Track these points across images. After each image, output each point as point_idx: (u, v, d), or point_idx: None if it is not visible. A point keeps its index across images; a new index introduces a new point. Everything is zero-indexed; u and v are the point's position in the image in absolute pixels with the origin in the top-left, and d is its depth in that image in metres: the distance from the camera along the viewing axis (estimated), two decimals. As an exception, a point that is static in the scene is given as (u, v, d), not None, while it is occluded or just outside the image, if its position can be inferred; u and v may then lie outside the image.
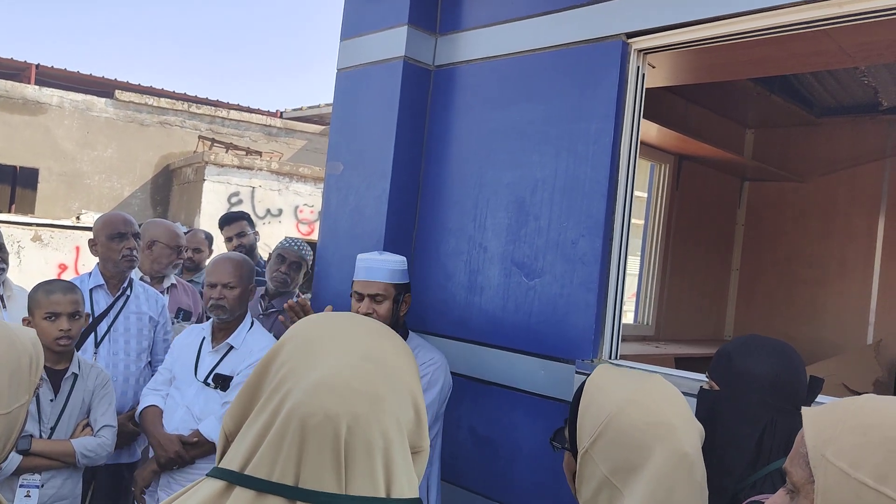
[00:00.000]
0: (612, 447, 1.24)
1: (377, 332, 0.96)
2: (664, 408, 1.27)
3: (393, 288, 2.44)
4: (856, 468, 0.80)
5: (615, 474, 1.22)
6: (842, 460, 0.82)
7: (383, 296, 2.42)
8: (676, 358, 4.08)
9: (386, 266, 2.45)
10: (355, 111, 3.24)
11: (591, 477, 1.25)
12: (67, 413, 2.54)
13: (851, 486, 0.80)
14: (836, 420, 0.86)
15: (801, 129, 5.09)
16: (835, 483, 0.82)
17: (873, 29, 2.44)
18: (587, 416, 1.29)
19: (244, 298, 2.77)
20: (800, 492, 0.87)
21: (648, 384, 1.32)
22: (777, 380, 1.57)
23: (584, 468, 1.27)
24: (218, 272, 2.73)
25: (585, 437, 1.27)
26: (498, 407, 2.69)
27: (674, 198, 4.88)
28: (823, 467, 0.83)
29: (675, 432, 1.24)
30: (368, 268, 2.45)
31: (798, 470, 0.88)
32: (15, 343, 1.35)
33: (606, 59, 2.54)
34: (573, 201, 2.58)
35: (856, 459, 0.81)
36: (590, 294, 2.50)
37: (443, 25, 3.14)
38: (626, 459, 1.22)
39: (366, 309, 2.40)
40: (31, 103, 11.26)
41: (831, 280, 4.97)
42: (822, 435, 0.86)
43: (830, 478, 0.82)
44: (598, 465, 1.24)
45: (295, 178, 10.74)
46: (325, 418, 0.79)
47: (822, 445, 0.84)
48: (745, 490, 1.54)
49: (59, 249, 8.96)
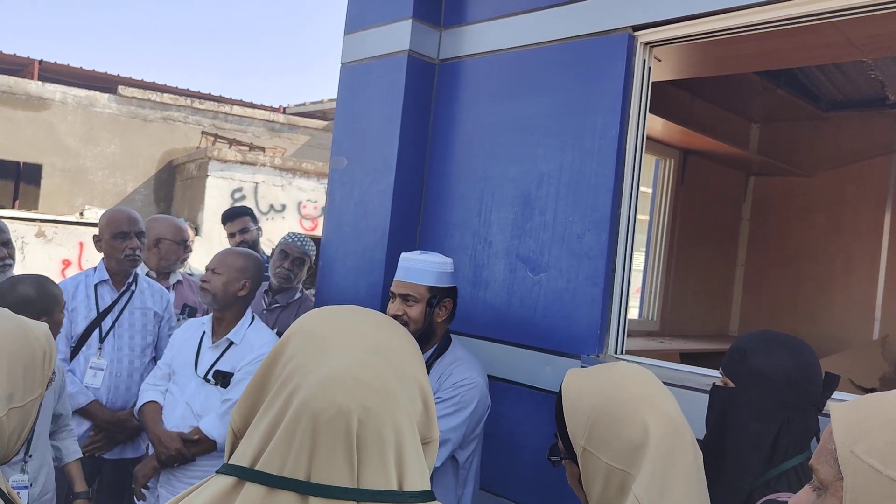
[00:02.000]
0: (606, 434, 1.26)
1: (382, 324, 0.96)
2: (637, 382, 1.33)
3: (427, 290, 2.27)
4: (887, 465, 0.79)
5: (617, 459, 1.24)
6: (872, 457, 0.80)
7: (415, 298, 2.27)
8: (682, 353, 4.07)
9: (422, 266, 2.30)
10: (359, 105, 3.23)
11: (596, 471, 1.26)
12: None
13: (882, 484, 0.78)
14: (866, 416, 0.84)
15: (808, 124, 5.06)
16: (864, 481, 0.80)
17: (881, 21, 2.42)
18: (573, 417, 1.32)
19: (230, 289, 2.69)
20: (827, 489, 0.86)
21: (616, 368, 1.37)
22: (793, 377, 1.55)
23: (587, 467, 1.28)
24: (213, 259, 2.79)
25: (579, 437, 1.29)
26: (503, 402, 2.68)
27: (679, 193, 4.86)
28: (853, 464, 0.81)
29: (654, 400, 1.29)
30: (405, 267, 2.32)
31: (826, 467, 0.86)
32: (29, 336, 1.35)
33: (612, 52, 2.52)
34: (579, 195, 2.56)
35: (887, 456, 0.79)
36: (595, 289, 2.48)
37: (447, 19, 3.12)
38: (621, 440, 1.24)
39: (395, 310, 2.27)
40: (35, 99, 11.26)
41: (837, 275, 4.95)
42: (852, 431, 0.84)
43: (860, 475, 0.80)
44: (599, 456, 1.26)
45: (298, 173, 10.73)
46: (338, 413, 0.78)
47: (852, 442, 0.82)
48: (760, 488, 1.53)
49: (62, 245, 8.97)
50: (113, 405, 2.93)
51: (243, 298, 2.75)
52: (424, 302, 2.27)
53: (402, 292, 2.28)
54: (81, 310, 2.93)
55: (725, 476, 1.54)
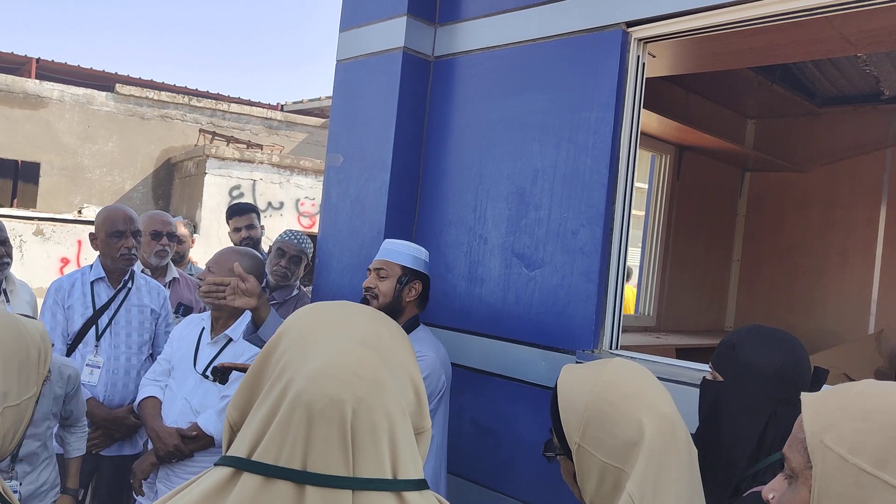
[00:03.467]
0: (600, 431, 1.27)
1: (372, 317, 0.97)
2: (631, 380, 1.33)
3: (400, 269, 2.44)
4: (854, 454, 0.80)
5: (611, 456, 1.25)
6: (840, 446, 0.81)
7: (387, 272, 2.44)
8: (677, 349, 4.08)
9: (398, 248, 2.48)
10: (355, 102, 3.24)
11: (591, 468, 1.27)
12: (38, 418, 2.37)
13: (850, 472, 0.80)
14: (836, 406, 0.86)
15: (803, 119, 5.08)
16: (833, 469, 0.81)
17: (875, 16, 2.43)
18: (567, 414, 1.33)
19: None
20: (798, 477, 0.87)
21: (610, 366, 1.37)
22: (781, 371, 1.57)
23: (581, 463, 1.29)
24: (212, 258, 2.78)
25: (574, 434, 1.30)
26: (499, 398, 2.69)
27: (675, 188, 4.87)
28: (822, 453, 0.83)
29: (649, 398, 1.29)
30: (383, 248, 2.51)
31: (796, 455, 0.87)
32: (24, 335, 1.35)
33: (606, 48, 2.53)
34: (573, 191, 2.57)
35: (855, 445, 0.81)
36: (590, 284, 2.50)
37: (442, 16, 3.12)
38: (616, 438, 1.25)
39: (368, 283, 2.45)
40: (32, 97, 11.25)
41: (832, 270, 4.97)
42: (821, 420, 0.85)
43: (829, 463, 0.82)
44: (594, 453, 1.27)
45: (296, 170, 10.73)
46: (331, 403, 0.80)
47: (821, 431, 0.84)
48: (748, 480, 1.54)
49: (60, 243, 8.97)
50: (110, 402, 2.94)
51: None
52: (395, 278, 2.43)
53: (377, 267, 2.46)
54: (78, 307, 2.94)
55: (715, 468, 1.56)
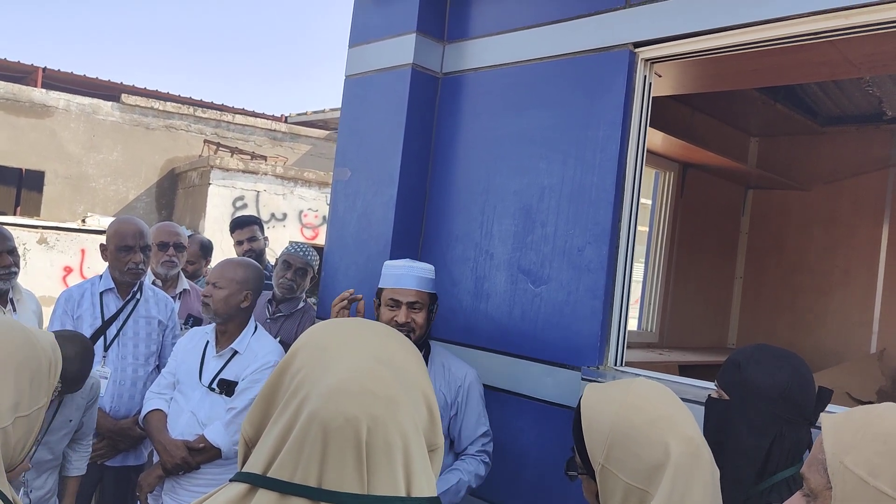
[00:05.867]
0: (624, 454, 1.26)
1: (385, 334, 0.98)
2: (656, 403, 1.32)
3: (428, 297, 2.35)
4: (875, 476, 0.81)
5: (635, 478, 1.25)
6: (861, 468, 0.82)
7: (421, 304, 2.31)
8: (680, 365, 4.08)
9: (419, 273, 2.36)
10: (363, 117, 3.27)
11: (615, 489, 1.27)
12: (56, 426, 2.44)
13: (869, 494, 0.80)
14: (856, 428, 0.87)
15: (806, 138, 5.10)
16: (853, 490, 0.82)
17: (879, 40, 2.46)
18: (592, 434, 1.33)
19: (231, 302, 2.71)
20: (817, 498, 0.88)
21: (634, 387, 1.36)
22: (786, 391, 1.58)
23: (604, 484, 1.29)
24: (213, 271, 2.82)
25: (598, 454, 1.30)
26: (504, 413, 2.70)
27: (678, 205, 4.89)
28: (842, 474, 0.84)
29: (674, 421, 1.29)
30: (402, 275, 2.34)
31: (816, 476, 0.88)
32: (35, 346, 1.36)
33: (614, 68, 2.56)
34: (580, 208, 2.59)
35: (875, 468, 0.81)
36: (596, 301, 2.51)
37: (451, 33, 3.16)
38: (641, 460, 1.25)
39: (404, 318, 2.27)
40: (38, 106, 11.31)
41: (835, 289, 4.98)
42: (842, 442, 0.86)
43: (849, 485, 0.83)
44: (618, 475, 1.26)
45: (300, 182, 10.76)
46: (346, 421, 0.81)
47: (842, 453, 0.85)
48: (753, 499, 1.55)
49: (64, 252, 8.99)
50: (116, 414, 2.95)
51: (245, 310, 2.77)
52: (426, 307, 2.35)
53: (409, 300, 2.30)
54: (87, 318, 2.96)
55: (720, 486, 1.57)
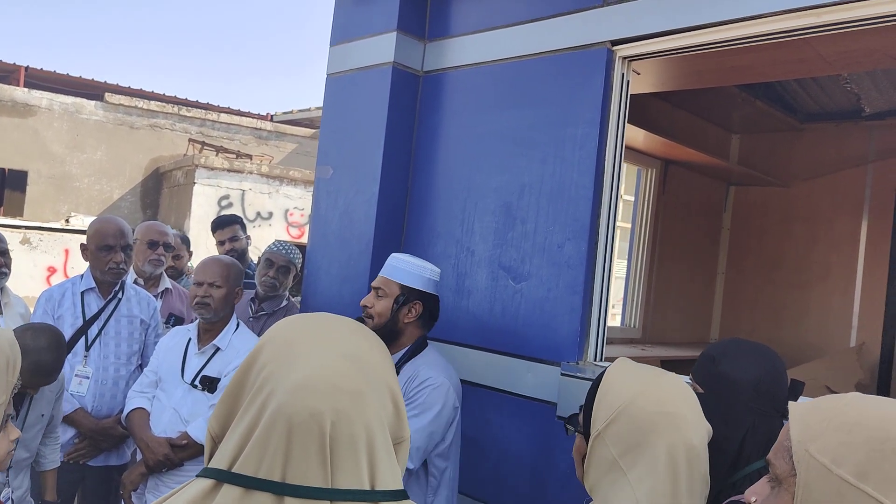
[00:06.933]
0: (623, 431, 1.30)
1: (352, 330, 0.99)
2: (676, 400, 1.34)
3: (398, 287, 2.32)
4: (838, 464, 0.83)
5: (624, 457, 1.28)
6: (825, 456, 0.84)
7: (384, 291, 2.32)
8: (662, 360, 4.12)
9: (400, 265, 2.36)
10: (345, 116, 3.27)
11: (602, 459, 1.31)
12: (31, 422, 2.45)
13: (832, 482, 0.83)
14: (822, 417, 0.89)
15: (786, 135, 5.16)
16: (816, 478, 0.84)
17: (851, 38, 2.50)
18: (603, 402, 1.36)
19: (229, 300, 2.78)
20: (781, 484, 0.90)
21: (663, 378, 1.40)
22: (759, 384, 1.60)
23: (594, 451, 1.33)
24: (206, 271, 2.79)
25: (599, 422, 1.33)
26: (485, 409, 2.72)
27: (660, 202, 4.93)
28: (806, 462, 0.86)
29: (684, 423, 1.31)
30: (386, 265, 2.40)
31: (781, 462, 0.90)
32: None
33: (592, 65, 2.58)
34: (559, 205, 2.61)
35: (838, 456, 0.83)
36: (575, 297, 2.53)
37: (431, 32, 3.17)
38: (636, 443, 1.28)
39: (365, 301, 2.35)
40: (21, 105, 11.22)
41: (815, 284, 5.04)
42: (808, 430, 0.88)
43: (812, 472, 0.85)
44: (610, 447, 1.30)
45: (285, 181, 10.74)
46: (310, 416, 0.82)
47: (807, 441, 0.87)
48: (726, 490, 1.57)
49: (47, 252, 8.93)
50: (98, 413, 2.93)
51: (233, 306, 2.82)
52: (392, 298, 2.32)
53: (376, 285, 2.36)
54: (68, 317, 2.94)
55: None
